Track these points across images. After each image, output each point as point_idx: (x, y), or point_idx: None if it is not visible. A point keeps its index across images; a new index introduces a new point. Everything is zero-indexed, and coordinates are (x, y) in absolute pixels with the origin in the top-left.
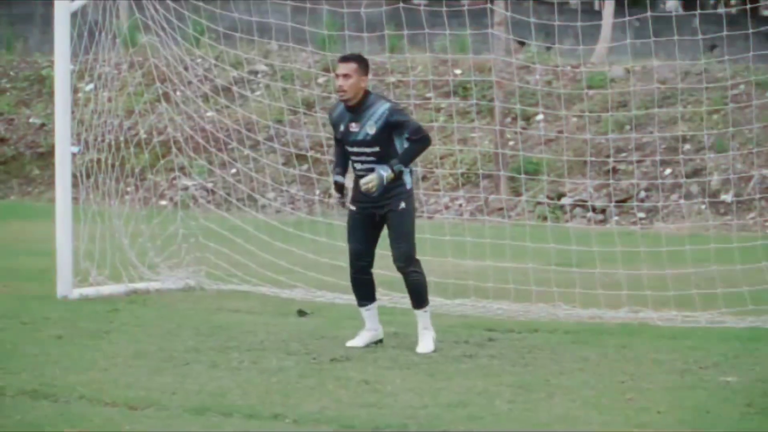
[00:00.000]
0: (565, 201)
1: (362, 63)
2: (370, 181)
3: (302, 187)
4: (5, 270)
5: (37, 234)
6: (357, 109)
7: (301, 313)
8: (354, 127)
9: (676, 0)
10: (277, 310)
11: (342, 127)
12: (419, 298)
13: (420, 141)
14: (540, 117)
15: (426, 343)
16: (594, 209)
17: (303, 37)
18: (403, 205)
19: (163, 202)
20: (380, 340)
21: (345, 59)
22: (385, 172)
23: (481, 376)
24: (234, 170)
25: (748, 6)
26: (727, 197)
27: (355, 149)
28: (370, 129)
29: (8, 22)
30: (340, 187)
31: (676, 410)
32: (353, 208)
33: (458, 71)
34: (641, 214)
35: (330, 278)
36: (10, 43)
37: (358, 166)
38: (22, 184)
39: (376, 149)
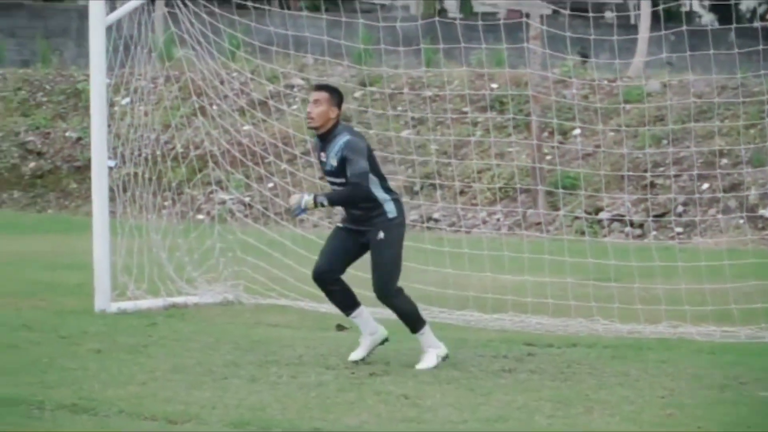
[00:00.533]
0: (602, 215)
1: (335, 94)
2: (291, 200)
3: None
4: (43, 284)
5: (75, 248)
6: (325, 138)
7: (340, 327)
8: (323, 156)
9: (711, 14)
10: (316, 325)
11: (316, 155)
12: (410, 325)
13: (352, 186)
14: (577, 131)
15: (427, 360)
16: (632, 224)
17: (339, 51)
18: (381, 235)
19: (201, 216)
20: (385, 339)
21: (318, 87)
22: (307, 197)
23: (521, 391)
24: (271, 184)
25: None
26: (765, 212)
27: (327, 178)
28: (333, 161)
29: (44, 36)
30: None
31: (717, 425)
32: (340, 225)
33: (495, 85)
34: (679, 229)
35: (368, 292)
36: (46, 57)
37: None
38: (59, 197)
39: (342, 180)
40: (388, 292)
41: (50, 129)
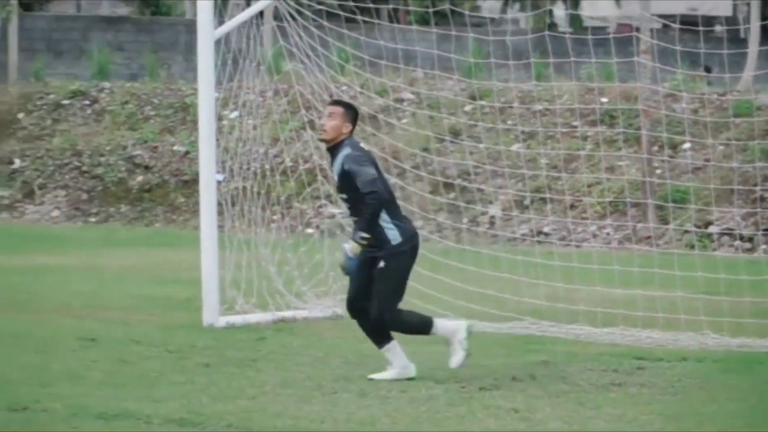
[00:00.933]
0: (712, 229)
1: (350, 110)
2: (338, 259)
3: (449, 216)
4: (151, 298)
5: (183, 262)
6: (333, 152)
7: None
8: (331, 170)
9: None
10: (425, 339)
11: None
12: (423, 333)
13: (367, 198)
14: (687, 145)
15: (456, 354)
16: (741, 238)
17: (449, 65)
18: (382, 264)
19: (310, 230)
20: (413, 378)
21: (334, 102)
22: (347, 245)
23: (631, 405)
24: None
25: None
26: None
27: (338, 193)
28: (336, 175)
29: (152, 50)
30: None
31: None
32: None
33: (604, 99)
34: None
35: (478, 306)
36: (154, 71)
37: (344, 207)
38: (167, 211)
39: (345, 196)
40: (384, 320)
41: (158, 143)
